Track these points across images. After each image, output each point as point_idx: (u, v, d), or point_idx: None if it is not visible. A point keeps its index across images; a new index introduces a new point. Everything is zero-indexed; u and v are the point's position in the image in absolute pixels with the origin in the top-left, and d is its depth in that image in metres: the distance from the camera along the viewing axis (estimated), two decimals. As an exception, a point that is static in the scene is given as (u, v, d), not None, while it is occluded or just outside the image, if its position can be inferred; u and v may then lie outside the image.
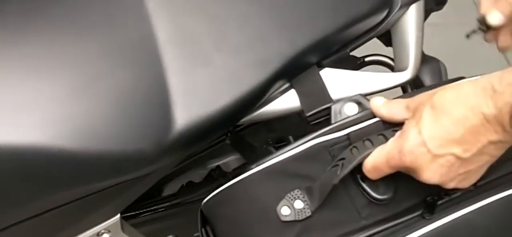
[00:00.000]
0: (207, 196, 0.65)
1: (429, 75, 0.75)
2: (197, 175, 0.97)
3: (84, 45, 0.65)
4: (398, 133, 0.55)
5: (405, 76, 0.70)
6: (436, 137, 0.50)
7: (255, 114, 0.69)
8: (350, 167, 0.55)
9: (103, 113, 0.62)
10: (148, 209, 0.89)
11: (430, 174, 0.52)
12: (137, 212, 0.88)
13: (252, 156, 0.76)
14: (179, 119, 0.63)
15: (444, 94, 0.51)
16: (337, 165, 0.55)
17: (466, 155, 0.50)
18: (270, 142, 0.95)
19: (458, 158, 0.50)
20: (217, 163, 0.97)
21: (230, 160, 0.97)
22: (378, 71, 0.72)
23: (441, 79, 0.77)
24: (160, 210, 0.90)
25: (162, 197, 0.93)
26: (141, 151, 0.62)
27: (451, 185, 0.53)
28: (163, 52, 0.65)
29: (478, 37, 0.64)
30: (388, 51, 0.77)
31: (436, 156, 0.50)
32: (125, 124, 0.62)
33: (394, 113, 0.57)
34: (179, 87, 0.64)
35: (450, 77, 0.78)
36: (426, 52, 0.77)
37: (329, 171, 0.56)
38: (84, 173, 0.62)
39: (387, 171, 0.55)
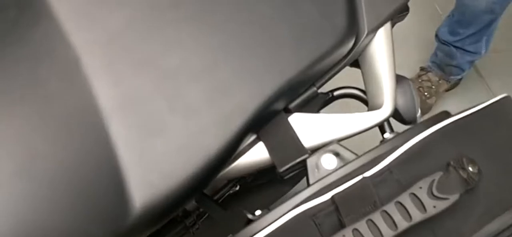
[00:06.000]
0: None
1: (402, 99, 0.70)
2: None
3: (14, 121, 0.55)
4: None
5: (382, 114, 0.64)
6: None
7: (222, 173, 0.61)
8: None
9: (45, 201, 0.53)
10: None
11: None
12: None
13: (222, 220, 0.68)
14: (136, 198, 0.55)
15: None
16: None
17: None
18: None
19: None
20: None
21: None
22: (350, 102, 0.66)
23: (413, 100, 0.72)
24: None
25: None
26: (96, 241, 0.54)
27: None
28: (109, 122, 0.56)
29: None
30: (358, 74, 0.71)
31: None
32: (73, 212, 0.54)
33: None
34: (133, 161, 0.56)
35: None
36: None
37: None
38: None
39: None
